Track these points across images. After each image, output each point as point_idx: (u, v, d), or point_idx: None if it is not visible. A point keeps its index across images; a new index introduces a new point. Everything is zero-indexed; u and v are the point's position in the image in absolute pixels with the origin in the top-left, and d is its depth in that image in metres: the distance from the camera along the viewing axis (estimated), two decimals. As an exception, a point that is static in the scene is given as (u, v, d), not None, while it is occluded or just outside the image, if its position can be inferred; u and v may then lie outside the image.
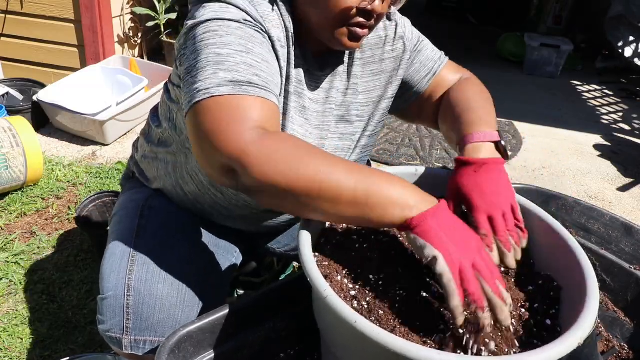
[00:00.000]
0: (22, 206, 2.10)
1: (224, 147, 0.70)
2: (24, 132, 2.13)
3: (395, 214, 0.67)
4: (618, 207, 2.61)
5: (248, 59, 0.77)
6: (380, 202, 0.67)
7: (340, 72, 1.00)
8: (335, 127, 1.03)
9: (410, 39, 1.07)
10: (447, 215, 0.68)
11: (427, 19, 6.58)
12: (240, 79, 0.74)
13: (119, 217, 1.09)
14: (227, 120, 0.71)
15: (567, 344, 0.59)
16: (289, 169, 0.67)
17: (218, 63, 0.75)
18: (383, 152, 2.94)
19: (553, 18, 5.25)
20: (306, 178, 0.67)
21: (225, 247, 1.11)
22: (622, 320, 0.94)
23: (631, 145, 3.40)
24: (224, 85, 0.73)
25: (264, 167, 0.67)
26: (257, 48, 0.80)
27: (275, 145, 0.69)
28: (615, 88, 4.50)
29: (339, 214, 0.69)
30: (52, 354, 1.49)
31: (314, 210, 0.70)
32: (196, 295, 0.96)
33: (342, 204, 0.67)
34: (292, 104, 0.94)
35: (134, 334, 0.91)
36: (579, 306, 0.65)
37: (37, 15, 2.85)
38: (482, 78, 1.14)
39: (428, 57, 1.09)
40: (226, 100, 0.72)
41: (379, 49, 1.03)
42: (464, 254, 0.65)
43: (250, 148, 0.68)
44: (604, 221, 1.04)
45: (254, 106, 0.73)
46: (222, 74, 0.74)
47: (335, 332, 0.70)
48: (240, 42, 0.78)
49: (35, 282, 1.74)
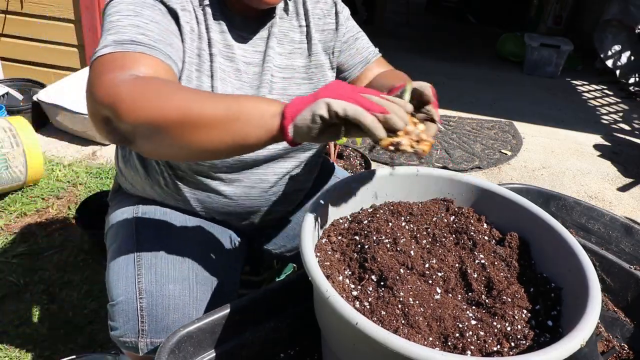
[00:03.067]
0: (22, 206, 2.10)
1: (96, 94, 0.72)
2: (24, 132, 2.13)
3: (274, 122, 0.68)
4: (618, 207, 2.61)
5: (135, 21, 0.82)
6: (253, 112, 0.68)
7: (276, 34, 1.04)
8: (282, 89, 1.05)
9: (347, 19, 1.14)
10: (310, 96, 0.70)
11: (427, 19, 6.58)
12: (124, 39, 0.79)
13: (115, 229, 1.09)
14: (104, 71, 0.75)
15: (570, 345, 0.59)
16: (156, 105, 0.69)
17: (109, 30, 0.82)
18: (383, 152, 2.94)
19: (553, 18, 5.25)
20: (176, 108, 0.68)
21: (226, 240, 1.11)
22: (622, 320, 0.94)
23: (631, 145, 3.40)
24: (108, 46, 0.79)
25: (133, 106, 0.69)
26: (146, 11, 0.85)
27: (143, 85, 0.72)
28: (615, 88, 4.50)
29: (217, 139, 0.69)
30: (52, 354, 1.49)
31: (191, 144, 0.70)
32: (206, 290, 0.97)
33: (217, 127, 0.68)
34: (220, 66, 0.96)
35: (150, 336, 0.91)
36: (581, 307, 0.65)
37: (37, 15, 2.85)
38: (482, 78, 1.15)
39: (364, 46, 1.16)
40: (108, 57, 0.77)
41: (320, 20, 1.10)
42: (353, 93, 0.67)
43: (120, 91, 0.70)
44: (604, 221, 1.04)
45: (134, 60, 0.78)
46: (109, 37, 0.80)
47: (337, 333, 0.70)
48: (129, 8, 0.84)
49: (35, 282, 1.74)
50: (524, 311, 0.72)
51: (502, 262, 0.79)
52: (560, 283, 0.76)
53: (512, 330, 0.69)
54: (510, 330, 0.69)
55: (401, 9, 6.16)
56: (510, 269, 0.79)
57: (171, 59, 0.84)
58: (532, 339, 0.68)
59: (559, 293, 0.75)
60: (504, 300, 0.73)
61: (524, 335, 0.68)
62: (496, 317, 0.71)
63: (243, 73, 1.00)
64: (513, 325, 0.70)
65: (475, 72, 4.52)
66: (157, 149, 0.74)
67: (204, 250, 1.04)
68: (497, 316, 0.71)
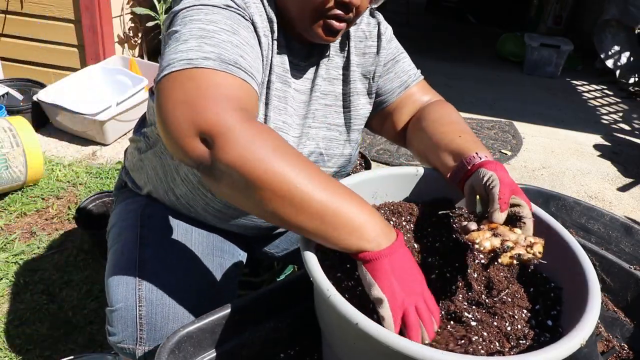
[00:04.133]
0: (22, 206, 2.10)
1: (208, 116, 0.65)
2: (24, 132, 2.13)
3: (353, 242, 0.66)
4: (618, 207, 2.61)
5: (234, 39, 0.75)
6: (344, 224, 0.65)
7: (324, 61, 1.00)
8: (323, 117, 1.03)
9: (389, 41, 1.07)
10: (401, 254, 0.68)
11: (427, 19, 6.58)
12: (228, 58, 0.72)
13: (118, 229, 1.08)
14: (213, 93, 0.67)
15: (570, 345, 0.59)
16: (267, 160, 0.63)
17: (203, 37, 0.73)
18: (383, 152, 2.94)
19: (553, 18, 5.25)
20: (282, 175, 0.64)
21: (229, 250, 1.10)
22: (622, 320, 0.94)
23: (631, 145, 3.40)
24: (211, 59, 0.70)
25: (244, 149, 0.63)
26: (242, 31, 0.79)
27: (260, 132, 0.66)
28: (615, 88, 4.50)
29: (298, 223, 0.66)
30: (52, 354, 1.49)
31: (272, 212, 0.65)
32: (207, 300, 0.95)
33: (306, 214, 0.64)
34: (276, 93, 0.93)
35: (148, 344, 0.91)
36: (581, 307, 0.65)
37: (37, 15, 2.85)
38: (482, 78, 1.15)
39: (404, 69, 1.08)
40: (211, 73, 0.69)
41: (361, 43, 1.04)
42: (409, 298, 0.66)
43: (236, 126, 0.64)
44: (604, 221, 1.04)
45: (237, 87, 0.70)
46: (208, 47, 0.71)
47: (338, 332, 0.70)
48: (226, 22, 0.77)
49: (35, 282, 1.74)
50: (524, 311, 0.72)
51: (502, 262, 0.79)
52: (560, 283, 0.76)
53: (512, 330, 0.69)
54: (510, 330, 0.69)
55: (401, 9, 6.15)
56: (510, 268, 0.79)
57: (257, 86, 0.78)
58: (532, 339, 0.68)
59: (558, 293, 0.75)
60: (504, 300, 0.73)
61: (524, 335, 0.68)
62: (496, 317, 0.71)
63: (291, 100, 0.97)
64: (513, 325, 0.70)
65: (475, 72, 4.52)
66: (235, 196, 0.68)
67: (206, 260, 1.04)
68: (497, 316, 0.71)
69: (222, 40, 0.74)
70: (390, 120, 1.09)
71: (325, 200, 0.65)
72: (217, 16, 0.77)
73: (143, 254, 0.99)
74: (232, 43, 0.74)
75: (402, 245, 0.69)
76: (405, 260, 0.68)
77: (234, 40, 0.75)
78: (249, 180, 0.64)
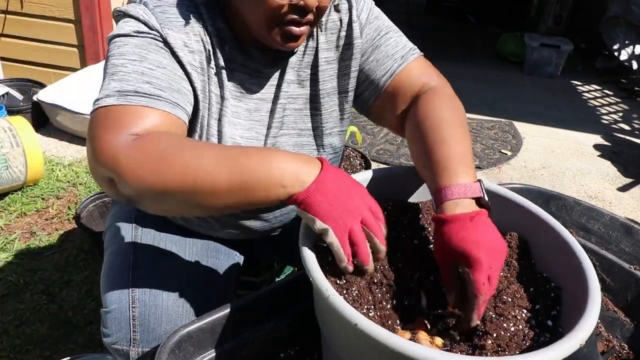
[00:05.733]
0: (22, 206, 2.10)
1: (98, 156, 0.70)
2: (24, 132, 2.13)
3: (278, 193, 0.68)
4: (618, 207, 2.61)
5: (140, 67, 0.78)
6: (258, 185, 0.68)
7: (292, 62, 0.94)
8: (292, 122, 0.98)
9: (364, 25, 0.96)
10: (330, 179, 0.69)
11: (427, 19, 6.58)
12: (127, 89, 0.75)
13: (114, 230, 1.08)
14: (105, 128, 0.72)
15: (569, 345, 0.59)
16: (158, 171, 0.67)
17: (112, 74, 0.78)
18: (383, 152, 2.94)
19: (553, 18, 5.25)
20: (177, 176, 0.67)
21: (225, 251, 1.10)
22: (622, 320, 0.94)
23: (631, 145, 3.40)
24: (111, 96, 0.75)
25: (136, 173, 0.68)
26: (151, 55, 0.81)
27: (144, 148, 0.69)
28: (615, 88, 4.50)
29: (222, 204, 0.69)
30: (52, 354, 1.49)
31: (198, 206, 0.70)
32: (201, 303, 0.96)
33: (221, 194, 0.68)
34: (230, 109, 0.91)
35: (141, 346, 0.91)
36: (581, 307, 0.65)
37: (37, 15, 2.85)
38: (482, 78, 1.13)
39: (387, 53, 0.96)
40: (110, 110, 0.74)
41: (333, 35, 0.96)
42: (351, 217, 0.68)
43: (121, 155, 0.68)
44: (604, 221, 1.04)
45: (137, 115, 0.74)
46: (113, 84, 0.76)
47: (337, 332, 0.70)
48: (134, 51, 0.80)
49: (35, 282, 1.74)
50: (524, 311, 0.72)
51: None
52: (560, 283, 0.76)
53: (513, 330, 0.69)
54: (514, 330, 0.69)
55: (401, 9, 6.15)
56: (510, 268, 0.79)
57: (179, 107, 0.79)
58: (532, 339, 0.68)
59: (558, 293, 0.75)
60: (504, 300, 0.73)
61: (524, 335, 0.68)
62: (501, 318, 0.71)
63: (254, 112, 0.94)
64: (513, 325, 0.70)
65: (475, 72, 4.52)
66: (162, 209, 0.74)
67: (201, 261, 1.04)
68: (497, 316, 0.71)
69: (128, 72, 0.78)
70: (388, 112, 0.99)
71: (228, 173, 0.67)
72: (126, 47, 0.80)
73: (137, 256, 0.99)
74: (137, 72, 0.78)
75: (329, 170, 0.70)
76: (336, 183, 0.69)
77: (140, 68, 0.78)
78: (158, 194, 0.69)
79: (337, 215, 0.67)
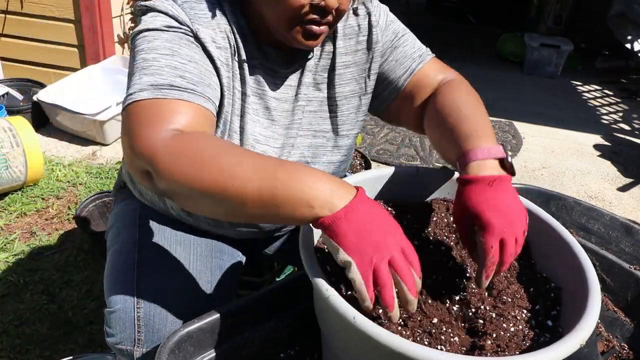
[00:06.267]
0: (22, 206, 2.10)
1: (137, 149, 0.71)
2: (24, 132, 2.13)
3: (305, 213, 0.64)
4: (618, 207, 2.61)
5: (172, 62, 0.79)
6: (288, 201, 0.64)
7: (310, 66, 0.96)
8: (308, 124, 1.00)
9: (384, 29, 1.00)
10: (365, 209, 0.64)
11: (427, 19, 6.58)
12: (161, 82, 0.76)
13: (117, 229, 1.07)
14: (143, 122, 0.73)
15: (569, 345, 0.59)
16: (193, 172, 0.67)
17: (143, 68, 0.78)
18: (383, 152, 2.94)
19: (553, 18, 5.25)
20: (210, 180, 0.66)
21: (229, 251, 1.10)
22: (622, 320, 0.94)
23: (631, 145, 3.40)
24: (145, 90, 0.75)
25: (171, 169, 0.68)
26: (183, 49, 0.81)
27: (183, 145, 0.69)
28: (615, 88, 4.50)
29: (250, 214, 0.67)
30: (52, 354, 1.49)
31: (226, 212, 0.70)
32: (205, 302, 0.95)
33: (249, 205, 0.66)
34: (252, 106, 0.92)
35: (146, 346, 0.90)
36: (581, 307, 0.65)
37: (37, 15, 2.85)
38: (482, 78, 1.14)
39: (406, 54, 1.00)
40: (146, 104, 0.74)
41: (351, 40, 0.98)
42: (379, 253, 0.62)
43: (159, 150, 0.69)
44: (604, 221, 1.04)
45: (173, 109, 0.74)
46: (145, 78, 0.77)
47: (337, 332, 0.70)
48: (165, 45, 0.80)
49: (35, 282, 1.74)
50: (524, 311, 0.72)
51: (502, 262, 0.79)
52: (560, 283, 0.76)
53: (512, 330, 0.69)
54: (514, 330, 0.69)
55: (401, 9, 6.15)
56: (510, 268, 0.79)
57: (210, 101, 0.80)
58: (532, 339, 0.68)
59: (558, 293, 0.75)
60: (504, 300, 0.73)
61: (524, 335, 0.68)
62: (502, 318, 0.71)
63: (272, 110, 0.95)
64: (513, 325, 0.70)
65: (475, 72, 4.52)
66: (195, 206, 0.73)
67: (205, 261, 1.03)
68: (497, 316, 0.71)
69: (160, 66, 0.78)
70: (406, 110, 1.03)
71: (259, 185, 0.65)
72: (157, 41, 0.81)
73: (141, 255, 0.98)
74: (170, 66, 0.78)
75: (363, 200, 0.65)
76: (368, 213, 0.64)
77: (172, 62, 0.79)
78: (191, 193, 0.69)
79: (363, 249, 0.62)
